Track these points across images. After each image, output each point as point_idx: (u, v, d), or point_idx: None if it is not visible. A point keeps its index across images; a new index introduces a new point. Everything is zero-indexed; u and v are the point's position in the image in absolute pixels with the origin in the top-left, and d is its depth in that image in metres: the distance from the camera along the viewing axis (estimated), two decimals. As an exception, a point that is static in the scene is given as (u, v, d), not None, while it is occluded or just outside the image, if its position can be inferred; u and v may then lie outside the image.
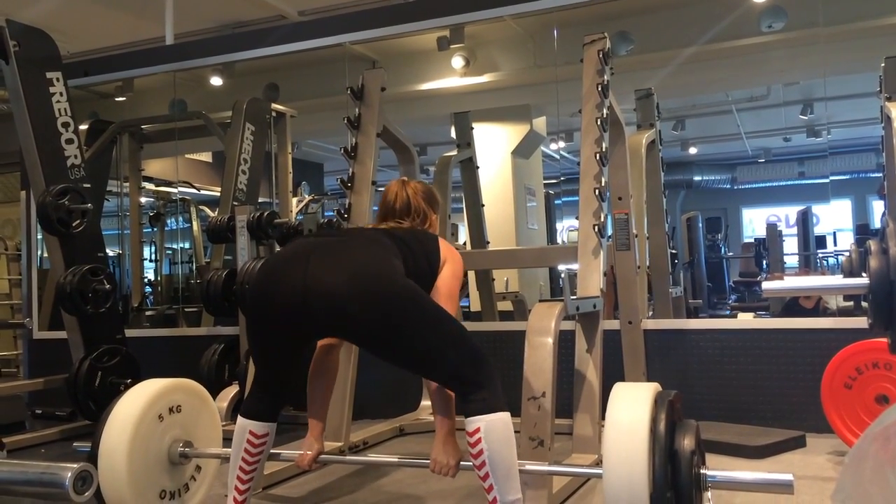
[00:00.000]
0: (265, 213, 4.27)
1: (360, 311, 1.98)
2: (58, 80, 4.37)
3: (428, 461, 2.18)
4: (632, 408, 1.83)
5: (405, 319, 2.02)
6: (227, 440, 3.45)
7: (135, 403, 2.30)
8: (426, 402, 4.23)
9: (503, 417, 2.01)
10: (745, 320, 4.63)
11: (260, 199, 5.57)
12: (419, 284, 2.23)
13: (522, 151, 6.90)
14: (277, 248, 4.63)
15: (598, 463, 2.91)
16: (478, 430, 1.98)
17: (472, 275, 5.20)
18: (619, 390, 1.92)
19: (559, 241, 7.79)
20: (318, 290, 1.99)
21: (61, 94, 4.37)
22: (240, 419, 2.28)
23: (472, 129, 5.49)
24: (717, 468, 1.90)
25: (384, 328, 2.02)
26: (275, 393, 2.28)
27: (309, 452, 2.35)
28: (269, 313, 2.10)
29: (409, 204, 2.48)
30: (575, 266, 3.07)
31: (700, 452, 1.84)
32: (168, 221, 7.95)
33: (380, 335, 2.04)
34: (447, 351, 2.05)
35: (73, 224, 4.18)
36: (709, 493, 1.83)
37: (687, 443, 1.79)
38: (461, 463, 2.15)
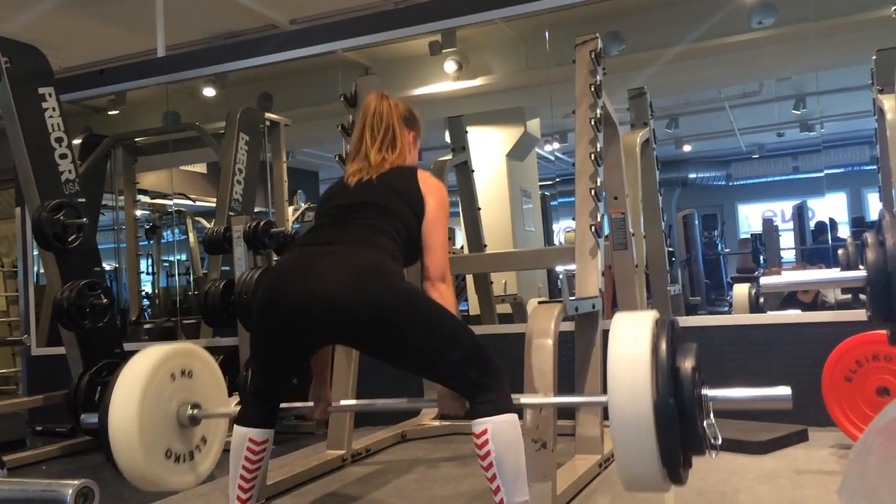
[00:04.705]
0: (261, 223, 4.27)
1: (361, 316, 2.01)
2: (50, 95, 4.36)
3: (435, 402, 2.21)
4: (633, 331, 1.85)
5: (405, 322, 2.03)
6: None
7: (148, 360, 2.31)
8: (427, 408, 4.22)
9: (510, 419, 2.02)
10: (744, 316, 4.62)
11: (256, 209, 5.56)
12: (413, 244, 2.25)
13: (517, 154, 6.90)
14: (275, 258, 4.63)
15: (605, 461, 2.93)
16: (485, 431, 1.99)
17: (469, 278, 5.19)
18: (620, 317, 1.93)
19: (556, 242, 7.79)
20: (320, 298, 2.02)
21: (54, 110, 4.37)
22: (237, 428, 2.27)
23: (467, 132, 5.50)
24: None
25: (385, 332, 2.04)
26: (270, 400, 2.29)
27: (319, 403, 2.40)
28: (274, 324, 2.14)
29: (383, 121, 2.39)
30: (573, 267, 3.07)
31: (700, 373, 1.86)
32: (164, 234, 7.95)
33: (381, 339, 2.07)
34: (451, 353, 2.06)
35: (69, 239, 4.16)
36: (711, 418, 1.84)
37: (688, 362, 1.82)
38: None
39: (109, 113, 6.59)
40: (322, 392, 2.43)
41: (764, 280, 2.48)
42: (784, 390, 1.82)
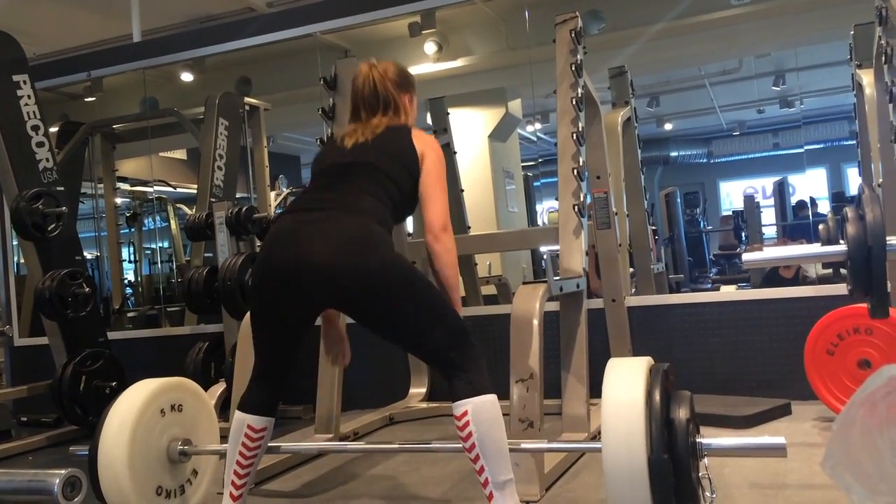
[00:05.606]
0: (244, 209, 4.24)
1: (348, 285, 2.05)
2: (24, 82, 4.30)
3: (425, 445, 2.22)
4: (627, 381, 1.85)
5: (392, 295, 2.06)
6: (222, 437, 3.43)
7: (138, 396, 2.31)
8: (415, 390, 4.23)
9: (490, 399, 2.03)
10: (727, 293, 4.67)
11: (238, 195, 5.52)
12: (407, 203, 2.31)
13: (499, 135, 6.89)
14: (258, 244, 4.61)
15: (592, 439, 2.95)
16: (465, 413, 2.00)
17: (454, 260, 5.19)
18: (614, 365, 1.94)
19: (539, 222, 7.81)
20: (308, 266, 2.05)
21: (29, 97, 4.31)
22: (238, 413, 2.25)
23: (448, 114, 5.47)
24: (706, 438, 1.92)
25: (371, 302, 2.07)
26: (274, 385, 2.27)
27: (335, 347, 2.53)
28: (267, 292, 2.16)
29: (377, 92, 2.39)
30: (556, 247, 3.08)
31: (694, 422, 1.86)
32: (145, 221, 7.88)
33: (367, 309, 2.09)
34: (434, 330, 2.08)
35: (49, 228, 4.12)
36: (706, 461, 1.85)
37: (682, 412, 1.82)
38: (452, 445, 2.16)
39: (86, 100, 6.49)
40: (334, 336, 2.53)
41: (746, 256, 2.49)
42: (778, 440, 1.82)
